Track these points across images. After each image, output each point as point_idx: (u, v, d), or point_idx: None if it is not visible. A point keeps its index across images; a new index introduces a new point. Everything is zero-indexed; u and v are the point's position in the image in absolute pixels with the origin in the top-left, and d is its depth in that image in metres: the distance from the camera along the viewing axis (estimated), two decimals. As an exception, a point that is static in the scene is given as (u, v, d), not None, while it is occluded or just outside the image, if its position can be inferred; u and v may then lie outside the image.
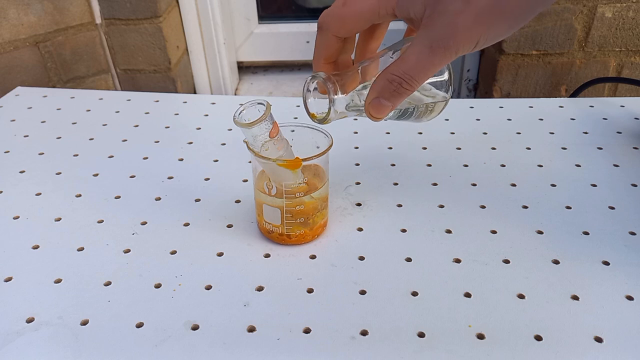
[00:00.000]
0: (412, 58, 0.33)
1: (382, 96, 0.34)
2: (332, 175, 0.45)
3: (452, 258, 0.42)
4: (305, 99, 0.38)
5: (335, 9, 0.36)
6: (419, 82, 0.33)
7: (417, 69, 0.33)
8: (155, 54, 0.91)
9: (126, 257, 0.43)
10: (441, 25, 0.31)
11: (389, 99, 0.34)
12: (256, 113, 0.36)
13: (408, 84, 0.33)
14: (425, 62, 0.32)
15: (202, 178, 0.53)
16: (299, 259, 0.42)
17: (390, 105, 0.35)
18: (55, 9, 0.83)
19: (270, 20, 1.11)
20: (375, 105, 0.35)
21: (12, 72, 0.81)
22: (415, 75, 0.33)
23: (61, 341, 0.35)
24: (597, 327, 0.36)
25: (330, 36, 0.37)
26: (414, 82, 0.33)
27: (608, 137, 0.59)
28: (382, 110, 0.35)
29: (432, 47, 0.32)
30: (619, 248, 0.43)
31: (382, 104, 0.35)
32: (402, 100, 0.35)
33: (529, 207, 0.48)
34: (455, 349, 0.35)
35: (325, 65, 0.38)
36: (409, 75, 0.33)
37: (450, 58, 0.32)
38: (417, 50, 0.32)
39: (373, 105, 0.35)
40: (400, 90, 0.34)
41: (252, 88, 1.13)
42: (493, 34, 0.31)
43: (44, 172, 0.54)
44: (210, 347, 0.35)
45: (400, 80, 0.33)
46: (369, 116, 0.36)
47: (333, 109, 0.36)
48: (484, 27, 0.31)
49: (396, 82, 0.33)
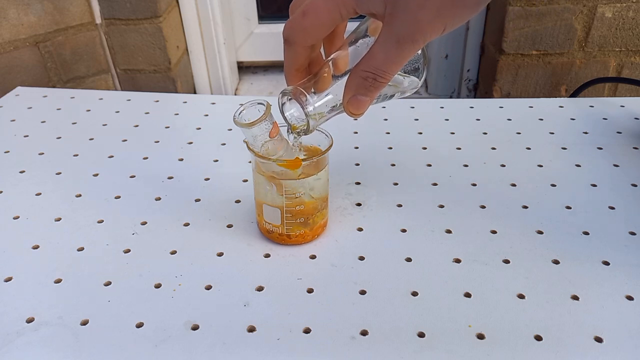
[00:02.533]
0: (381, 54, 0.33)
1: (359, 93, 0.35)
2: (332, 175, 0.45)
3: (452, 258, 0.42)
4: (284, 113, 0.38)
5: (297, 21, 0.36)
6: (391, 74, 0.34)
7: (387, 63, 0.33)
8: (155, 54, 0.91)
9: (126, 257, 0.43)
10: (404, 21, 0.32)
11: (366, 94, 0.35)
12: (256, 113, 0.36)
13: (382, 77, 0.34)
14: (395, 56, 0.33)
15: (202, 178, 0.53)
16: (299, 259, 0.42)
17: (368, 100, 0.35)
18: (55, 9, 0.83)
19: (270, 20, 1.11)
20: (354, 102, 0.35)
21: (12, 72, 0.81)
22: (387, 69, 0.34)
23: (61, 341, 0.35)
24: (597, 327, 0.36)
25: (297, 48, 0.37)
26: (387, 74, 0.34)
27: (608, 137, 0.59)
28: (361, 105, 0.35)
29: (399, 41, 0.32)
30: (619, 248, 0.43)
31: (360, 100, 0.35)
32: (379, 92, 0.35)
33: (529, 207, 0.48)
34: (455, 349, 0.35)
35: (298, 74, 0.38)
36: (382, 70, 0.34)
37: (419, 47, 0.33)
38: (384, 46, 0.33)
39: (352, 103, 0.35)
40: (375, 84, 0.34)
41: (252, 88, 1.13)
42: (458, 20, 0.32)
43: (44, 172, 0.54)
44: (210, 347, 0.35)
45: (373, 75, 0.34)
46: (349, 114, 0.36)
47: (310, 120, 0.37)
48: (448, 17, 0.31)
49: (370, 78, 0.34)
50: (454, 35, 1.01)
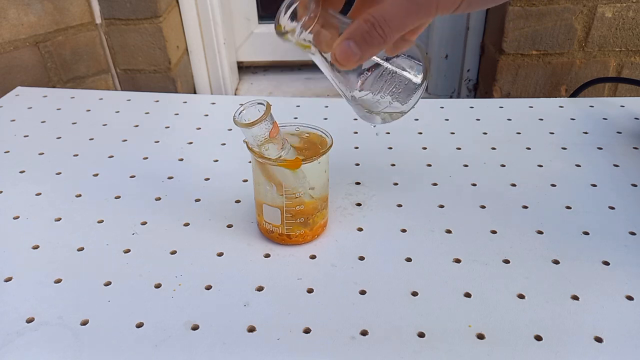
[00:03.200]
0: (389, 5, 0.31)
1: (352, 38, 0.32)
2: (332, 175, 0.45)
3: (452, 258, 0.42)
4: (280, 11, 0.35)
5: None
6: (392, 30, 0.31)
7: (392, 14, 0.31)
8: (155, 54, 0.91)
9: (126, 257, 0.43)
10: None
11: (359, 43, 0.32)
12: (256, 113, 0.36)
13: (382, 29, 0.31)
14: (403, 9, 0.31)
15: (202, 178, 0.53)
16: (299, 259, 0.42)
17: (358, 54, 0.32)
18: (55, 9, 0.83)
19: (270, 20, 1.11)
20: (343, 48, 0.32)
21: (12, 72, 0.81)
22: (390, 21, 0.31)
23: (61, 341, 0.35)
24: (597, 327, 0.36)
25: None
26: (388, 28, 0.31)
27: (608, 137, 0.59)
28: (348, 55, 0.32)
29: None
30: (619, 248, 0.43)
31: (349, 48, 0.32)
32: (373, 52, 0.33)
33: (529, 207, 0.48)
34: (455, 349, 0.35)
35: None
36: (384, 19, 0.31)
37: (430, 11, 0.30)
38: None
39: (341, 48, 0.32)
40: (372, 33, 0.31)
41: (252, 88, 1.13)
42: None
43: (44, 172, 0.54)
44: (210, 347, 0.35)
45: (374, 21, 0.31)
46: (333, 61, 0.34)
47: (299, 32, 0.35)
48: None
49: (369, 23, 0.31)
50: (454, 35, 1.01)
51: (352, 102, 0.39)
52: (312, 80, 1.14)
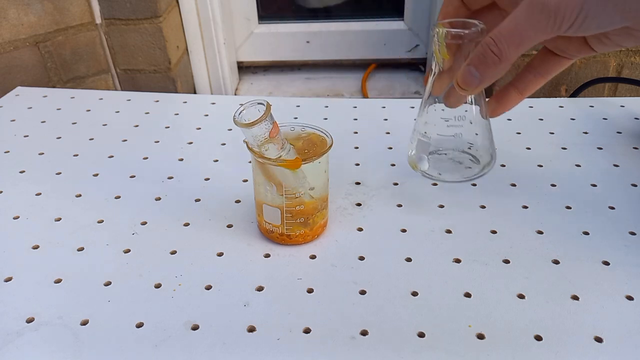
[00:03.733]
0: (507, 19, 0.30)
1: (472, 63, 0.32)
2: (332, 175, 0.45)
3: (452, 258, 0.42)
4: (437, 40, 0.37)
5: None
6: (508, 46, 0.30)
7: (508, 30, 0.30)
8: (155, 54, 0.91)
9: (126, 257, 0.43)
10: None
11: (477, 65, 0.31)
12: (256, 113, 0.36)
13: (496, 46, 0.30)
14: (519, 23, 0.29)
15: (202, 178, 0.53)
16: (299, 259, 0.42)
17: (477, 75, 0.32)
18: (55, 9, 0.83)
19: (270, 20, 1.11)
20: (463, 72, 0.32)
21: (12, 72, 0.81)
22: (504, 37, 0.30)
23: (61, 341, 0.35)
24: (597, 327, 0.36)
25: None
26: (502, 44, 0.30)
27: (608, 137, 0.59)
28: (468, 79, 0.32)
29: (529, 6, 0.28)
30: (619, 248, 0.43)
31: (469, 72, 0.32)
32: (491, 71, 0.32)
33: (529, 207, 0.48)
34: (455, 349, 0.35)
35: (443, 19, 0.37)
36: (498, 37, 0.30)
37: (548, 23, 0.29)
38: (514, 12, 0.29)
39: (461, 72, 0.32)
40: (487, 54, 0.30)
41: (252, 88, 1.13)
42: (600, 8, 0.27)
43: (44, 172, 0.54)
44: (210, 347, 0.35)
45: (489, 41, 0.30)
46: (456, 87, 0.34)
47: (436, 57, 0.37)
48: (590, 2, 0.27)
49: (484, 44, 0.30)
50: (454, 35, 1.01)
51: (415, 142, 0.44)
52: (312, 80, 1.15)
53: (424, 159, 0.43)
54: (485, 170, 0.43)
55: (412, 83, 1.10)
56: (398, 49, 1.11)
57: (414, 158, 0.45)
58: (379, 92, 1.09)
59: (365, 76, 1.12)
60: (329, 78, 1.15)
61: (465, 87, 0.33)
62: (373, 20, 1.10)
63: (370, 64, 1.15)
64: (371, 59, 1.13)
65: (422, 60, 1.12)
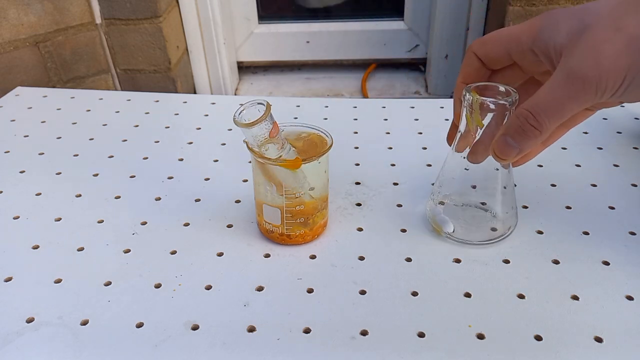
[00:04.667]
0: (544, 91, 0.29)
1: (508, 134, 0.31)
2: (332, 175, 0.45)
3: (452, 258, 0.42)
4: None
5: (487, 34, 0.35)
6: (548, 119, 0.29)
7: (547, 102, 0.29)
8: (155, 54, 0.91)
9: (126, 257, 0.43)
10: (582, 53, 0.27)
11: (515, 137, 0.31)
12: (256, 113, 0.36)
13: (536, 120, 0.29)
14: (559, 95, 0.28)
15: (202, 178, 0.53)
16: (299, 259, 0.42)
17: (516, 147, 0.31)
18: (55, 9, 0.83)
19: (270, 20, 1.11)
20: (500, 143, 0.32)
21: (12, 72, 0.81)
22: (544, 110, 0.29)
23: (61, 341, 0.35)
24: (597, 327, 0.36)
25: (470, 54, 0.36)
26: (543, 118, 0.29)
27: (608, 137, 0.59)
28: (507, 150, 0.32)
29: (568, 77, 0.28)
30: (619, 248, 0.43)
31: (507, 143, 0.31)
32: (531, 142, 0.31)
33: (529, 207, 0.48)
34: (455, 349, 0.35)
35: (461, 85, 0.37)
36: (537, 110, 0.29)
37: (589, 94, 0.28)
38: (551, 82, 0.29)
39: (498, 143, 0.32)
40: (526, 127, 0.30)
41: (252, 88, 1.13)
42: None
43: (44, 172, 0.54)
44: (210, 347, 0.35)
45: (527, 114, 0.29)
46: (493, 156, 0.33)
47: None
48: (635, 57, 0.26)
49: (522, 117, 0.30)
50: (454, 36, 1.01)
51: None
52: (312, 80, 1.15)
53: (447, 221, 0.43)
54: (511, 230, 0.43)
55: (412, 83, 1.10)
56: (398, 49, 1.11)
57: (435, 219, 0.44)
58: (379, 92, 1.09)
59: (365, 76, 1.12)
60: (329, 78, 1.15)
61: (504, 157, 0.32)
62: (373, 20, 1.10)
63: (370, 64, 1.15)
64: (371, 59, 1.14)
65: (422, 60, 1.12)
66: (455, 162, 0.42)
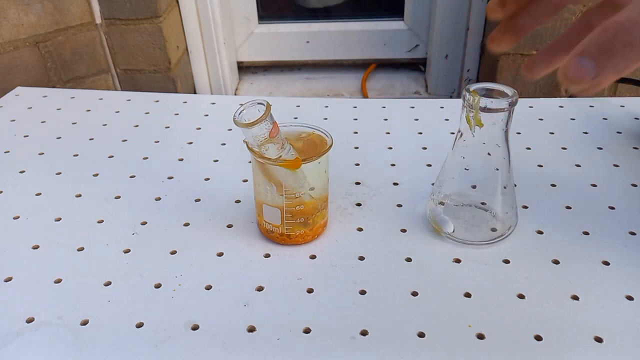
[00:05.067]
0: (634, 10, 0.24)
1: (587, 51, 0.25)
2: (332, 175, 0.45)
3: (452, 258, 0.42)
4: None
5: None
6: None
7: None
8: (155, 54, 0.91)
9: (126, 257, 0.43)
10: None
11: (597, 56, 0.24)
12: (256, 113, 0.36)
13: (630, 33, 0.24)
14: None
15: (202, 178, 0.53)
16: (299, 259, 0.42)
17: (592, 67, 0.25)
18: (55, 9, 0.83)
19: (270, 20, 1.11)
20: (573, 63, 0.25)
21: (12, 72, 0.81)
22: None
23: (61, 341, 0.35)
24: (597, 327, 0.36)
25: None
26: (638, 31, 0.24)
27: (608, 137, 0.59)
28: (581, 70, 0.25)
29: None
30: (619, 248, 0.43)
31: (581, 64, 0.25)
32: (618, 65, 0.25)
33: (529, 207, 0.48)
34: (455, 349, 0.35)
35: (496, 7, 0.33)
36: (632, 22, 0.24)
37: None
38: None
39: (570, 63, 0.25)
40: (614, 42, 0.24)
41: (252, 88, 1.13)
42: None
43: (44, 172, 0.54)
44: (210, 347, 0.35)
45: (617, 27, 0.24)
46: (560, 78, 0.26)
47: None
48: None
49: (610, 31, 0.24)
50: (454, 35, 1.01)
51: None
52: (312, 80, 1.15)
53: (447, 221, 0.43)
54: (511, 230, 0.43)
55: (412, 83, 1.10)
56: (398, 49, 1.11)
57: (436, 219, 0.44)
58: (379, 92, 1.09)
59: (365, 76, 1.12)
60: (329, 78, 1.14)
61: (578, 79, 0.25)
62: (373, 20, 1.10)
63: (370, 64, 1.15)
64: (371, 59, 1.13)
65: (422, 60, 1.12)
66: (455, 162, 0.42)
